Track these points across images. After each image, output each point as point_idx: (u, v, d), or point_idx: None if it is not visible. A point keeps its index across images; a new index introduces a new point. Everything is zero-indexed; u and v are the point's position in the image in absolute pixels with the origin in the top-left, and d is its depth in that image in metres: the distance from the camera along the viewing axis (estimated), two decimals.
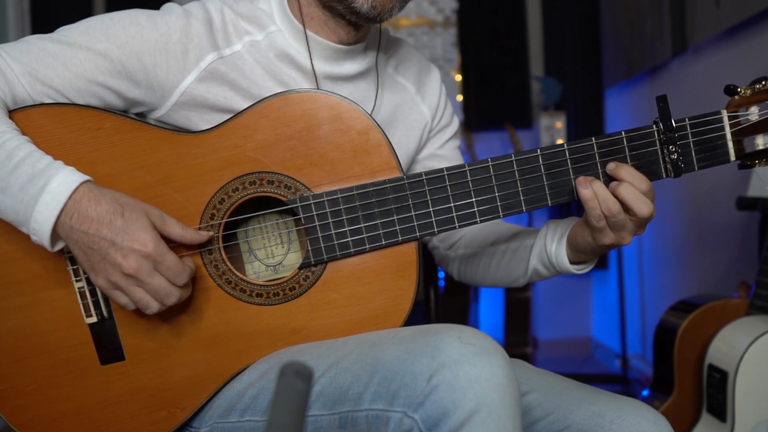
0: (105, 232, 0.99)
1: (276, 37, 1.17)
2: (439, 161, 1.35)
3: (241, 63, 1.14)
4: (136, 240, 0.99)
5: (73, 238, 1.00)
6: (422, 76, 1.34)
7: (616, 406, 1.08)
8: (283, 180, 1.09)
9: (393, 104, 1.28)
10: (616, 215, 1.06)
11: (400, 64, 1.32)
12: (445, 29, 4.13)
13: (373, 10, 1.11)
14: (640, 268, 3.68)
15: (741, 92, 1.10)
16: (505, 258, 1.28)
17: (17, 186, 0.99)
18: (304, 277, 1.10)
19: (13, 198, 1.00)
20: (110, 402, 1.10)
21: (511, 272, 1.28)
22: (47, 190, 0.98)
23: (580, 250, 1.16)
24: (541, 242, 1.21)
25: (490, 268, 1.32)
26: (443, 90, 1.37)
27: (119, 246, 0.99)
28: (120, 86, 1.11)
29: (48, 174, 0.99)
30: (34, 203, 0.98)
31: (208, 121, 1.13)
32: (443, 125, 1.36)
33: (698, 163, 1.11)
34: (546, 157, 1.09)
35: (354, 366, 0.98)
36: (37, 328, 1.08)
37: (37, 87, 1.08)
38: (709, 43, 2.79)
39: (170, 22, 1.11)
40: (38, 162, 1.00)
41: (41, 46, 1.09)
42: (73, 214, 0.99)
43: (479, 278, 1.36)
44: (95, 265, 1.00)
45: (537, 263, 1.22)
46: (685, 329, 2.02)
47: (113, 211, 1.00)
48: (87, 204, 0.99)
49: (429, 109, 1.33)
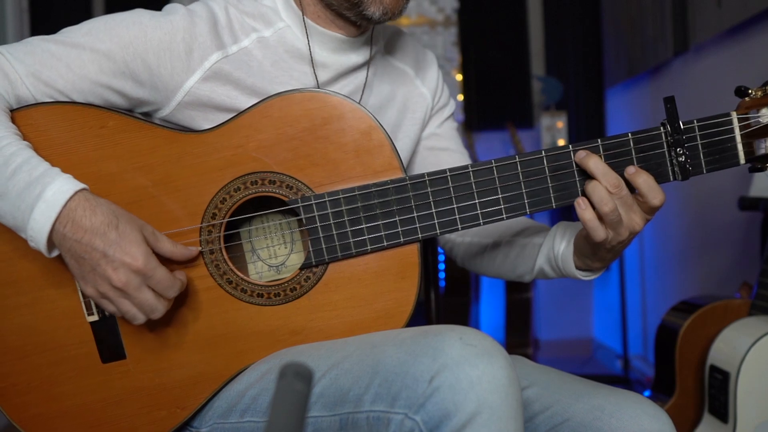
0: (98, 242, 0.99)
1: (285, 33, 1.17)
2: (437, 140, 1.36)
3: (248, 59, 1.14)
4: (127, 254, 0.99)
5: (65, 246, 1.00)
6: (419, 61, 1.36)
7: (615, 400, 1.07)
8: (284, 180, 1.08)
9: (392, 89, 1.29)
10: (613, 210, 1.05)
11: (398, 50, 1.33)
12: (445, 28, 4.13)
13: (384, 16, 1.12)
14: (641, 268, 3.68)
15: (752, 94, 1.08)
16: (513, 252, 1.28)
17: (15, 193, 0.99)
18: (305, 278, 1.10)
19: (11, 204, 1.00)
20: (111, 400, 1.10)
21: (517, 267, 1.28)
22: (42, 198, 0.98)
23: (585, 255, 1.15)
24: (550, 243, 1.21)
25: (495, 260, 1.32)
26: (440, 73, 1.38)
27: (110, 258, 0.99)
28: (124, 87, 1.11)
29: (44, 182, 0.99)
30: (30, 211, 0.99)
31: (212, 120, 1.13)
32: (442, 105, 1.37)
33: (707, 166, 1.08)
34: (551, 159, 1.08)
35: (355, 367, 0.98)
36: (38, 326, 1.09)
37: (40, 88, 1.08)
38: (710, 43, 2.79)
39: (174, 21, 1.11)
40: (35, 169, 1.00)
41: (45, 47, 1.09)
42: (67, 223, 0.99)
43: (483, 268, 1.36)
44: (85, 274, 1.01)
45: (544, 263, 1.22)
46: (687, 330, 2.02)
47: (108, 222, 1.00)
48: (82, 213, 0.99)
49: (429, 91, 1.34)
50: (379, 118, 1.14)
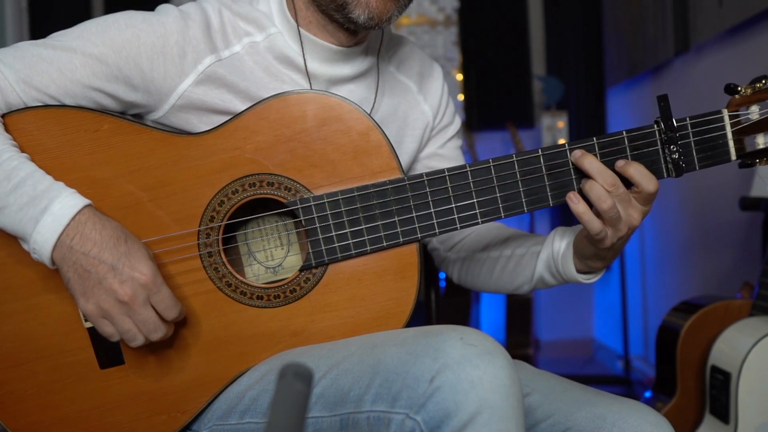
0: (106, 255, 0.99)
1: (276, 39, 1.16)
2: (439, 161, 1.34)
3: (240, 64, 1.13)
4: (135, 268, 0.99)
5: (70, 260, 0.99)
6: (424, 75, 1.33)
7: (617, 409, 1.07)
8: (283, 182, 1.08)
9: (394, 104, 1.27)
10: (612, 207, 1.05)
11: (402, 63, 1.31)
12: (446, 28, 4.12)
13: (370, 21, 1.10)
14: (642, 268, 3.68)
15: (741, 91, 1.10)
16: (510, 264, 1.27)
17: (16, 206, 0.99)
18: (304, 279, 1.09)
19: (11, 218, 1.00)
20: (110, 406, 1.09)
21: (515, 278, 1.27)
22: (49, 211, 0.98)
23: (586, 256, 1.15)
24: (549, 249, 1.20)
25: (493, 273, 1.30)
26: (445, 89, 1.36)
27: (119, 271, 0.99)
28: (117, 90, 1.10)
29: (50, 196, 0.99)
30: (34, 224, 0.98)
31: (207, 122, 1.12)
32: (445, 124, 1.35)
33: (699, 163, 1.11)
34: (547, 158, 1.09)
35: (355, 367, 0.98)
36: (35, 333, 1.08)
37: (31, 94, 1.07)
38: (711, 43, 2.79)
39: (167, 24, 1.10)
40: (39, 183, 1.00)
41: (35, 52, 1.08)
42: (75, 236, 0.99)
43: (481, 283, 1.34)
44: (88, 289, 1.00)
45: (543, 270, 1.21)
46: (688, 330, 2.01)
47: (117, 237, 1.00)
48: (91, 227, 1.00)
49: (430, 109, 1.32)
50: None
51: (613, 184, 1.06)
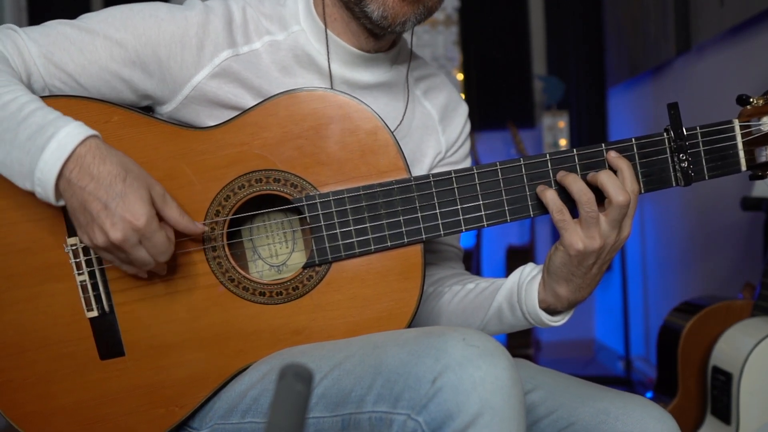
0: (101, 193, 0.97)
1: (298, 37, 1.16)
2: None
3: (256, 61, 1.14)
4: (128, 210, 0.97)
5: (70, 192, 0.98)
6: (449, 109, 1.31)
7: (621, 403, 1.07)
8: (289, 178, 1.08)
9: (411, 125, 1.25)
10: (590, 203, 1.04)
11: (430, 91, 1.30)
12: (446, 27, 4.12)
13: (384, 20, 1.10)
14: (643, 268, 3.67)
15: (753, 102, 1.10)
16: (469, 297, 1.20)
17: (25, 135, 0.98)
18: (307, 277, 1.09)
19: (20, 149, 0.98)
20: (108, 398, 1.09)
21: (470, 315, 1.19)
22: (55, 138, 0.97)
23: (560, 276, 1.08)
24: (516, 277, 1.14)
25: (450, 304, 1.22)
26: (467, 129, 1.32)
27: (111, 211, 0.97)
28: (133, 76, 1.11)
29: (57, 124, 0.98)
30: (40, 152, 0.97)
31: (217, 117, 1.12)
32: (454, 161, 1.32)
33: (709, 173, 1.11)
34: (555, 162, 1.09)
35: (357, 368, 0.98)
36: (36, 322, 1.08)
37: (50, 70, 1.09)
38: (713, 42, 2.79)
39: (189, 16, 1.12)
40: (49, 114, 1.00)
41: (60, 30, 1.11)
42: (74, 168, 0.97)
43: (434, 317, 1.25)
44: (83, 225, 0.99)
45: (504, 299, 1.14)
46: (689, 331, 2.01)
47: (116, 173, 0.98)
48: (91, 160, 0.97)
49: (446, 141, 1.29)
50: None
51: (589, 201, 1.03)
